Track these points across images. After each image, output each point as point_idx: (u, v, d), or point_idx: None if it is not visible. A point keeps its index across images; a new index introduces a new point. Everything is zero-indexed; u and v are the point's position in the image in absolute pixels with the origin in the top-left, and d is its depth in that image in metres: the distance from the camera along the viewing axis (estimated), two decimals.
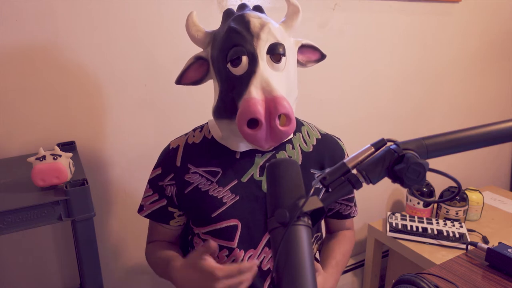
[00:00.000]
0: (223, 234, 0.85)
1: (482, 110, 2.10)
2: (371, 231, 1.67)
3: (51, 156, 0.79)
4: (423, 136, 0.54)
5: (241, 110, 0.71)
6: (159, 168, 0.89)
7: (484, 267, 1.00)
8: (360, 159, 0.53)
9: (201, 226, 0.88)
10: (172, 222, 0.92)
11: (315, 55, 0.86)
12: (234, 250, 0.85)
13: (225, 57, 0.75)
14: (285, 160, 0.54)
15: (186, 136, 0.90)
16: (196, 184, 0.85)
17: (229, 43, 0.74)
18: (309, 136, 0.90)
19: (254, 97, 0.70)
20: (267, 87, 0.71)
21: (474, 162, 2.18)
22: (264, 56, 0.74)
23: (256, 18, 0.76)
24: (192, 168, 0.86)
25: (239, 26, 0.75)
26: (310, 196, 0.50)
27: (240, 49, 0.73)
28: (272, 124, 0.70)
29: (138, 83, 1.17)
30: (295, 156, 0.87)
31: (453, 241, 1.47)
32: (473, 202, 1.68)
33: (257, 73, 0.72)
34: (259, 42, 0.74)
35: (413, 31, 1.68)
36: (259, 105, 0.70)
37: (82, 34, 1.06)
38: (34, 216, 0.75)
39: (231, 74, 0.75)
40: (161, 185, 0.89)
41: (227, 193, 0.84)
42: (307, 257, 0.47)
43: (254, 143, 0.73)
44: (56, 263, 1.18)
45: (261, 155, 0.86)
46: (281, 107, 0.69)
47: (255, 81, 0.72)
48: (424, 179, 0.50)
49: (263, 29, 0.74)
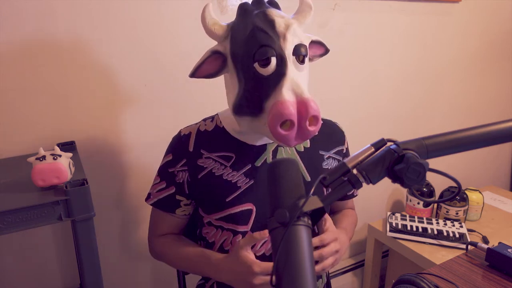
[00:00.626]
0: (238, 219, 0.86)
1: (482, 110, 2.10)
2: (371, 231, 1.67)
3: (51, 156, 0.79)
4: (423, 136, 0.54)
5: (275, 112, 0.72)
6: (170, 155, 0.90)
7: (484, 267, 1.00)
8: (360, 159, 0.53)
9: (214, 212, 0.88)
10: (178, 211, 0.92)
11: (320, 50, 0.88)
12: (247, 234, 0.85)
13: (251, 56, 0.74)
14: (285, 160, 0.54)
15: (197, 125, 0.91)
16: (210, 169, 0.86)
17: (256, 42, 0.74)
18: None
19: (288, 100, 0.71)
20: (298, 89, 0.73)
21: (474, 162, 2.18)
22: (291, 58, 0.75)
23: (280, 18, 0.76)
24: (205, 153, 0.87)
25: (264, 25, 0.75)
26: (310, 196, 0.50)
27: (269, 50, 0.73)
28: (303, 125, 0.72)
29: (138, 83, 1.17)
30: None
31: (453, 241, 1.47)
32: (473, 202, 1.68)
33: (287, 75, 0.73)
34: (286, 44, 0.74)
35: (413, 31, 1.68)
36: (292, 107, 0.71)
37: (82, 34, 1.06)
38: (34, 216, 0.75)
39: (258, 74, 0.75)
40: (172, 171, 0.89)
41: (241, 177, 0.86)
42: (307, 257, 0.47)
43: (285, 142, 0.75)
44: (56, 263, 1.18)
45: (272, 142, 0.88)
46: (312, 109, 0.72)
47: (286, 83, 0.73)
48: (424, 179, 0.50)
49: (288, 30, 0.75)
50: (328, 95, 1.55)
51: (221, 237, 0.89)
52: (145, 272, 1.34)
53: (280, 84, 0.73)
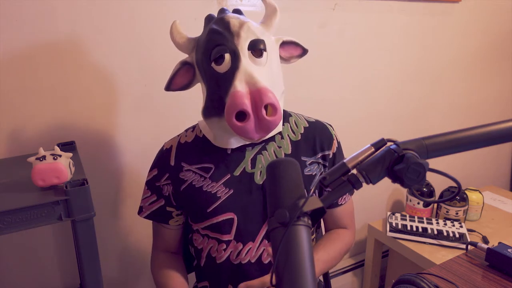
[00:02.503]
0: (221, 228, 0.87)
1: (482, 110, 2.10)
2: (371, 231, 1.67)
3: (51, 156, 0.79)
4: (423, 136, 0.54)
5: (228, 104, 0.74)
6: (155, 169, 0.92)
7: (484, 267, 1.00)
8: (360, 159, 0.53)
9: (198, 222, 0.90)
10: (172, 222, 0.94)
11: (297, 51, 0.89)
12: (231, 243, 0.87)
13: (209, 57, 0.78)
14: (285, 160, 0.54)
15: (178, 137, 0.93)
16: (190, 181, 0.87)
17: (211, 43, 0.78)
18: (297, 126, 0.93)
19: (239, 90, 0.73)
20: (251, 80, 0.74)
21: (474, 162, 2.17)
22: (246, 53, 0.77)
23: (235, 19, 0.80)
24: (185, 166, 0.88)
25: (220, 27, 0.79)
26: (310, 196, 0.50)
27: (222, 48, 0.77)
28: (260, 114, 0.73)
29: (138, 83, 1.17)
30: (285, 145, 0.89)
31: (453, 241, 1.47)
32: (473, 202, 1.68)
33: (240, 68, 0.75)
34: (239, 40, 0.77)
35: (413, 31, 1.68)
36: (245, 97, 0.73)
37: (82, 35, 1.06)
38: (34, 216, 0.75)
39: (215, 73, 0.78)
40: (158, 185, 0.91)
41: (220, 187, 0.86)
42: (307, 257, 0.47)
43: (244, 135, 0.75)
44: (56, 263, 1.18)
45: (251, 148, 0.88)
46: (266, 97, 0.72)
47: (239, 75, 0.75)
48: (424, 179, 0.50)
49: (242, 28, 0.78)
50: (327, 95, 1.55)
51: (208, 244, 0.91)
52: (145, 272, 1.34)
53: (234, 77, 0.75)
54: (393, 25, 1.61)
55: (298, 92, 1.45)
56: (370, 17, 1.54)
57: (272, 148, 0.88)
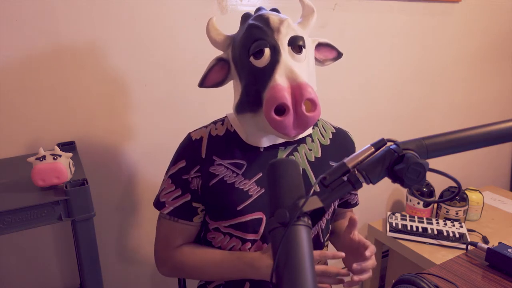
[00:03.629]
0: (248, 227, 0.85)
1: (482, 110, 2.10)
2: (371, 231, 1.67)
3: (51, 156, 0.79)
4: (423, 136, 0.54)
5: (268, 97, 0.72)
6: (183, 161, 0.86)
7: (484, 267, 1.00)
8: (360, 159, 0.53)
9: (223, 220, 0.86)
10: (196, 219, 0.89)
11: (332, 53, 0.89)
12: (257, 242, 0.85)
13: (247, 52, 0.77)
14: (285, 160, 0.54)
15: (207, 128, 0.89)
16: (222, 176, 0.85)
17: (250, 38, 0.77)
18: (325, 130, 0.94)
19: (279, 84, 0.72)
20: (291, 74, 0.73)
21: (474, 162, 2.18)
22: (286, 48, 0.77)
23: (274, 16, 0.79)
24: (217, 160, 0.85)
25: (259, 23, 0.78)
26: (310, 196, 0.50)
27: (262, 42, 0.76)
28: (299, 110, 0.72)
29: (139, 83, 1.17)
30: (315, 148, 0.89)
31: (453, 241, 1.47)
32: (473, 202, 1.68)
33: (280, 62, 0.75)
34: (279, 36, 0.76)
35: (413, 31, 1.68)
36: (286, 91, 0.71)
37: (82, 35, 1.06)
38: (34, 216, 0.75)
39: (254, 67, 0.77)
40: (186, 178, 0.86)
41: (253, 185, 0.85)
42: (307, 257, 0.47)
43: (281, 130, 0.74)
44: (56, 263, 1.18)
45: (283, 148, 0.87)
46: (306, 92, 0.71)
47: (279, 69, 0.74)
48: (424, 179, 0.50)
49: (282, 24, 0.77)
50: (328, 95, 1.55)
51: (229, 243, 0.87)
52: (145, 272, 1.34)
53: (274, 71, 0.74)
54: (393, 25, 1.61)
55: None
56: (370, 17, 1.54)
57: (303, 150, 0.88)
